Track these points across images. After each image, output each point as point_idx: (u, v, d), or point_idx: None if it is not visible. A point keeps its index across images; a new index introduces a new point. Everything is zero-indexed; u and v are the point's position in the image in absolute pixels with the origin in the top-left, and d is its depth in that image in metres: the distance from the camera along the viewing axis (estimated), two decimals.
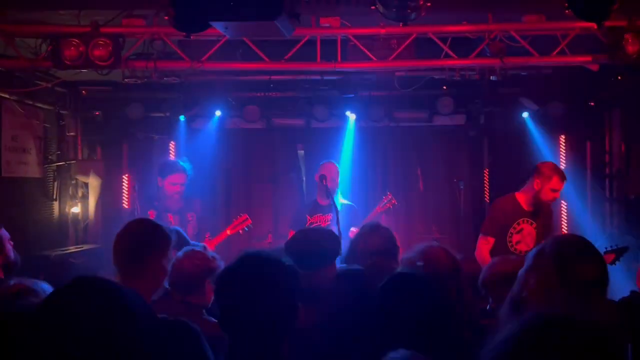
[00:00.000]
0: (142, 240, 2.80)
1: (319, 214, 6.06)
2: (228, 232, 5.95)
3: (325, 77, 6.96)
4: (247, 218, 6.01)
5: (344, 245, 3.68)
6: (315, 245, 3.01)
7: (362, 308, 2.48)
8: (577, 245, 2.11)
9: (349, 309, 2.60)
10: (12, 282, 2.87)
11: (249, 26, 3.51)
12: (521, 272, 2.08)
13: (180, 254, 3.30)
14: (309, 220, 6.07)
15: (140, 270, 2.72)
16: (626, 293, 3.50)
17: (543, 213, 5.26)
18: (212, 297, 3.14)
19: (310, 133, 8.00)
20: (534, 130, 7.55)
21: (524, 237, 5.24)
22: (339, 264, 3.19)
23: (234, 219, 6.08)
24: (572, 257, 2.03)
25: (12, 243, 3.69)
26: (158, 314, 1.94)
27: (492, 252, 5.21)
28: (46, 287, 2.90)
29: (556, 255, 2.02)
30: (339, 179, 6.15)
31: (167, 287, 3.11)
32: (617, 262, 5.57)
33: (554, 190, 5.08)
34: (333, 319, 2.59)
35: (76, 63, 5.13)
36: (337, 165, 6.24)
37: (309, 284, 2.26)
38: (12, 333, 1.92)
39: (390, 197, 6.33)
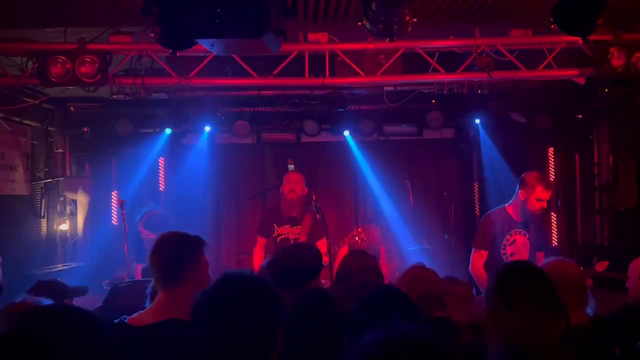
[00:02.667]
0: (176, 255, 2.77)
1: (287, 225, 6.01)
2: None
3: (315, 92, 6.97)
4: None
5: None
6: (299, 263, 2.99)
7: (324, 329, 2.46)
8: (518, 267, 2.15)
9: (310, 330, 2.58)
10: (18, 300, 2.84)
11: (236, 43, 3.51)
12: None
13: None
14: (277, 230, 6.01)
15: (181, 283, 2.70)
16: None
17: (534, 223, 5.25)
18: None
19: (301, 147, 7.99)
20: (522, 142, 7.58)
21: (519, 249, 5.22)
22: None
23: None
24: (511, 278, 2.04)
25: None
26: None
27: (487, 266, 5.19)
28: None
29: (498, 279, 2.06)
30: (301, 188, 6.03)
31: None
32: (613, 267, 5.57)
33: (539, 200, 5.06)
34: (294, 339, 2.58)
35: (63, 80, 5.11)
36: (299, 175, 6.15)
37: (292, 301, 2.23)
38: None
39: (360, 231, 6.08)
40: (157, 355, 2.57)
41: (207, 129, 7.51)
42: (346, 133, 7.65)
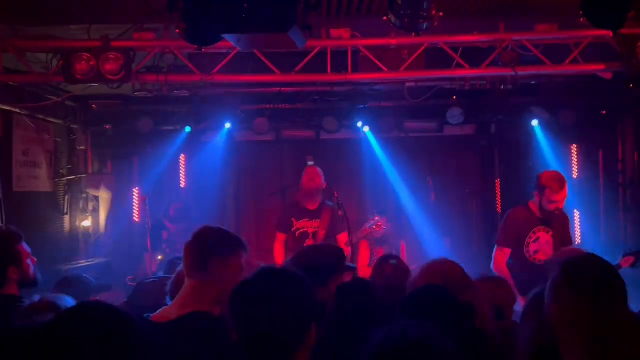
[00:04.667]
0: (205, 244, 2.79)
1: (305, 219, 6.00)
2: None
3: (335, 89, 6.95)
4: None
5: None
6: (322, 260, 2.99)
7: (364, 322, 2.45)
8: (583, 257, 2.08)
9: (350, 323, 2.57)
10: (37, 297, 2.86)
11: (261, 38, 3.49)
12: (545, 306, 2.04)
13: None
14: (295, 224, 6.01)
15: (205, 273, 2.70)
16: None
17: (558, 220, 5.18)
18: None
19: (320, 144, 7.97)
20: (544, 139, 7.49)
21: (542, 246, 5.15)
22: None
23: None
24: (580, 268, 1.99)
25: (34, 260, 3.64)
26: None
27: (510, 263, 5.14)
28: (70, 302, 2.88)
29: (565, 275, 1.98)
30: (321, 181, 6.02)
31: None
32: (638, 264, 5.49)
33: (552, 202, 5.00)
34: (334, 333, 2.56)
35: (87, 77, 5.14)
36: (318, 168, 6.14)
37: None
38: (11, 350, 1.92)
39: (377, 219, 6.09)
40: (184, 350, 2.58)
41: (227, 126, 7.53)
42: (366, 129, 7.62)
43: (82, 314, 1.80)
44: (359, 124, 7.55)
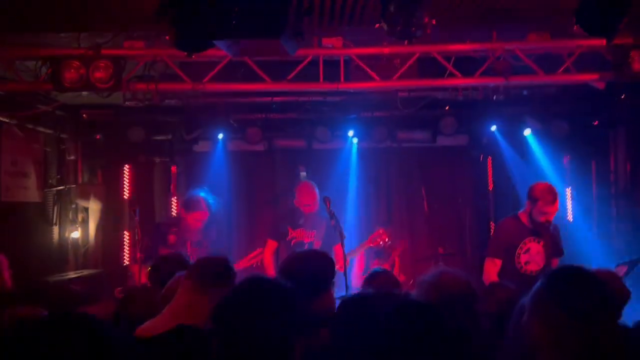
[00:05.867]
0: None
1: (302, 228, 5.96)
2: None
3: (327, 98, 6.92)
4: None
5: None
6: (313, 271, 2.93)
7: (366, 336, 2.38)
8: (570, 274, 1.96)
9: (353, 336, 2.50)
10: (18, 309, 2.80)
11: (253, 44, 3.46)
12: (523, 320, 1.93)
13: None
14: (291, 233, 5.96)
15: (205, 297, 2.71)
16: None
17: (548, 230, 5.16)
18: None
19: (312, 154, 7.93)
20: (537, 149, 7.48)
21: (533, 257, 5.14)
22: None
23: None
24: (568, 287, 1.87)
25: (11, 271, 3.57)
26: None
27: (501, 274, 5.10)
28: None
29: (553, 292, 1.87)
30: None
31: None
32: (630, 273, 5.47)
33: (543, 214, 4.99)
34: (338, 346, 2.49)
35: (76, 85, 5.08)
36: (312, 186, 6.07)
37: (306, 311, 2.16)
38: None
39: (381, 232, 6.12)
40: None
41: (220, 136, 7.48)
42: (355, 141, 7.58)
43: (58, 326, 1.73)
44: (350, 134, 7.52)
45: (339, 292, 4.86)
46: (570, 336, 1.78)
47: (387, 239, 6.17)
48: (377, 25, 4.05)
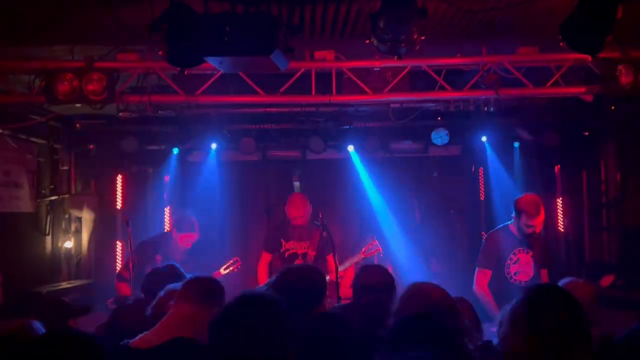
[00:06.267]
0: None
1: (294, 240, 5.99)
2: (221, 271, 6.08)
3: (321, 109, 6.97)
4: (237, 260, 6.20)
5: None
6: (304, 286, 2.97)
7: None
8: (548, 292, 2.04)
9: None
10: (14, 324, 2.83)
11: (244, 61, 3.50)
12: (500, 331, 2.02)
13: None
14: (285, 245, 5.99)
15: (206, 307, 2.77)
16: None
17: (538, 242, 5.21)
18: None
19: (306, 165, 7.96)
20: (528, 160, 7.55)
21: (523, 267, 5.19)
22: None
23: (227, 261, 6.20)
24: (542, 303, 1.95)
25: (1, 280, 3.59)
26: None
27: (491, 285, 5.15)
28: (38, 327, 2.84)
29: (527, 304, 1.95)
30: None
31: None
32: (620, 282, 5.52)
33: (528, 226, 5.04)
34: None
35: (69, 98, 5.11)
36: (303, 197, 6.15)
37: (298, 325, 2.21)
38: None
39: (376, 243, 6.19)
40: None
41: (214, 146, 7.51)
42: (350, 149, 7.63)
43: (52, 343, 1.77)
44: (350, 148, 7.58)
45: (331, 302, 4.91)
46: (543, 352, 1.83)
47: (380, 250, 6.20)
48: (367, 41, 4.10)
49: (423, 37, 3.97)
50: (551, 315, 1.89)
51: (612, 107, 6.63)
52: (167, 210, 7.82)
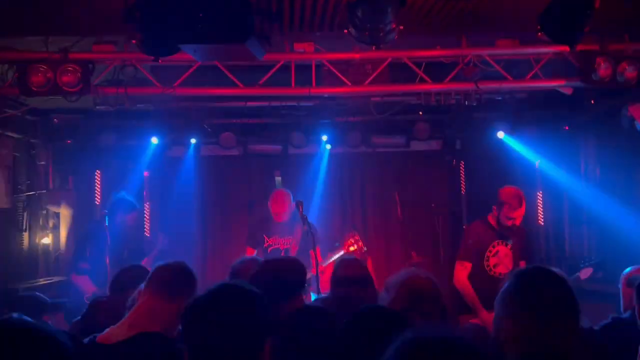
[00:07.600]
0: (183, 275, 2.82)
1: (276, 236, 5.95)
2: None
3: (302, 103, 6.92)
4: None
5: None
6: (283, 277, 2.95)
7: (323, 346, 2.41)
8: (534, 270, 2.07)
9: (311, 346, 2.53)
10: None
11: (219, 49, 3.45)
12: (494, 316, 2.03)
13: None
14: (267, 241, 5.95)
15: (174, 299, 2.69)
16: None
17: (516, 234, 5.25)
18: None
19: (288, 159, 7.92)
20: (508, 153, 7.55)
21: (501, 259, 5.21)
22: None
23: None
24: (530, 280, 1.99)
25: None
26: None
27: (471, 277, 5.16)
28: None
29: (515, 283, 1.98)
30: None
31: None
32: (598, 274, 5.56)
33: (509, 218, 5.08)
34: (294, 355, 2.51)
35: (43, 89, 5.01)
36: (286, 194, 6.04)
37: (276, 315, 2.18)
38: None
39: (357, 238, 5.99)
40: None
41: (193, 140, 7.43)
42: (328, 147, 7.60)
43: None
44: (324, 139, 7.53)
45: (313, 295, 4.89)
46: (535, 331, 1.86)
47: (362, 246, 6.16)
48: (345, 30, 4.06)
49: (402, 27, 3.94)
50: (540, 289, 1.93)
51: (592, 102, 6.67)
52: (146, 206, 7.73)
